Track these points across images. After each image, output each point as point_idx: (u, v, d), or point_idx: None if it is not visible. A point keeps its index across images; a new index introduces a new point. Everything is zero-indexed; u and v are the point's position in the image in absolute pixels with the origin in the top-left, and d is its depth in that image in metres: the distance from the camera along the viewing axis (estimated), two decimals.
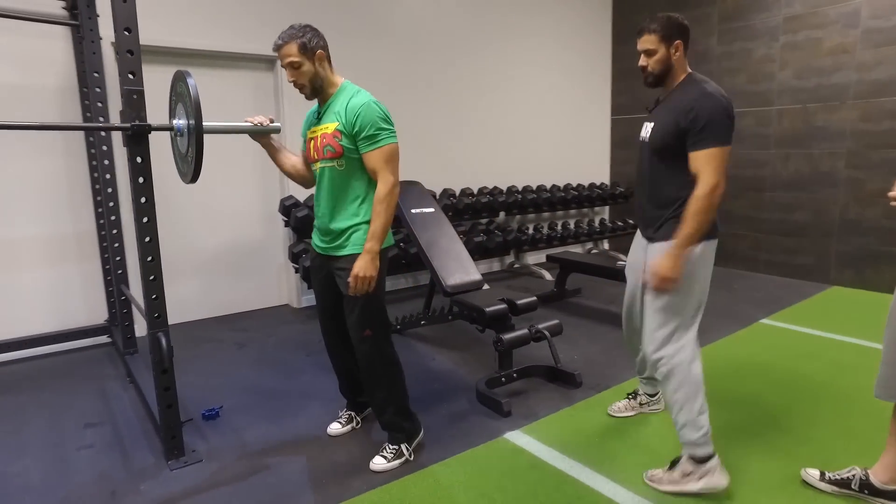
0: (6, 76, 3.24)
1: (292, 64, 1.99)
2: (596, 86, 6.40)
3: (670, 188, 2.03)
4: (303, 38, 1.98)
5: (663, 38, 1.99)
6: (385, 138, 2.01)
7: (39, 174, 3.36)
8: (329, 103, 2.09)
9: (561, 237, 5.64)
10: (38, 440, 2.47)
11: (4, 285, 3.33)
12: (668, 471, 2.10)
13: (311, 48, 1.99)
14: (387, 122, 2.03)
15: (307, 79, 2.03)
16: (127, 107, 2.02)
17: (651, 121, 2.12)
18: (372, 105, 2.00)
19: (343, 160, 2.04)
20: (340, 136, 2.01)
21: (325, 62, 2.06)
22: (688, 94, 1.97)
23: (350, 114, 1.99)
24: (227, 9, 3.86)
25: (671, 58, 2.01)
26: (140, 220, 2.12)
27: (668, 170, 2.03)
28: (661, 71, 2.03)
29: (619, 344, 3.56)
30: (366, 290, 2.03)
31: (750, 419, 2.58)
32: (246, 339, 3.75)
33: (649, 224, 2.14)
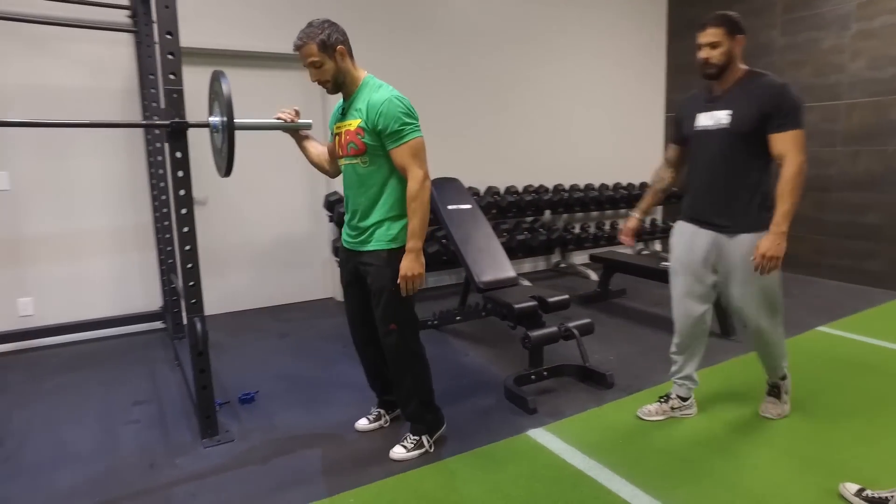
0: (80, 80, 3.52)
1: (314, 63, 2.00)
2: (649, 81, 6.20)
3: (753, 173, 2.20)
4: (321, 35, 1.97)
5: (728, 32, 2.14)
6: (410, 133, 1.99)
7: (105, 170, 3.62)
8: (352, 99, 2.09)
9: (608, 237, 5.51)
10: (93, 413, 2.68)
11: (74, 273, 3.62)
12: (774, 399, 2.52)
13: (330, 45, 1.99)
14: (410, 116, 2.00)
15: (330, 75, 2.03)
16: (168, 105, 2.15)
17: (720, 108, 2.23)
18: (394, 101, 1.98)
19: (367, 157, 2.05)
20: (363, 133, 2.01)
21: (346, 57, 2.05)
22: (764, 83, 2.15)
23: (372, 111, 1.98)
24: (278, 12, 4.02)
25: (733, 51, 2.16)
26: (179, 212, 2.25)
27: (750, 154, 2.18)
28: (724, 63, 2.17)
29: (658, 346, 3.46)
30: (417, 287, 2.05)
31: (791, 429, 2.45)
32: (289, 329, 3.90)
33: (721, 213, 2.26)
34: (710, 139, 2.27)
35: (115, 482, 2.12)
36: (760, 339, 2.39)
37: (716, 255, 2.32)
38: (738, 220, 2.23)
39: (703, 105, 2.31)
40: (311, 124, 2.38)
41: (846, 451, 2.26)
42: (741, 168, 2.21)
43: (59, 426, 2.56)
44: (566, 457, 2.26)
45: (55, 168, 3.50)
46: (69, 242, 3.59)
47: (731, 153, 2.21)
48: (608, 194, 5.59)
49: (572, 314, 4.09)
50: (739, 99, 2.19)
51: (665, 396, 2.63)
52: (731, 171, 2.23)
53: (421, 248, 2.03)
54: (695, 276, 2.38)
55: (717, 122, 2.24)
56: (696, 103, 2.36)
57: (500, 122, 5.21)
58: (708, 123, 2.27)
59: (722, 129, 2.22)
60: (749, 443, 2.34)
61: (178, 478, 2.14)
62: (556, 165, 5.57)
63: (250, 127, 2.30)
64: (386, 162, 2.05)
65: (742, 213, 2.22)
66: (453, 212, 3.57)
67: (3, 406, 2.77)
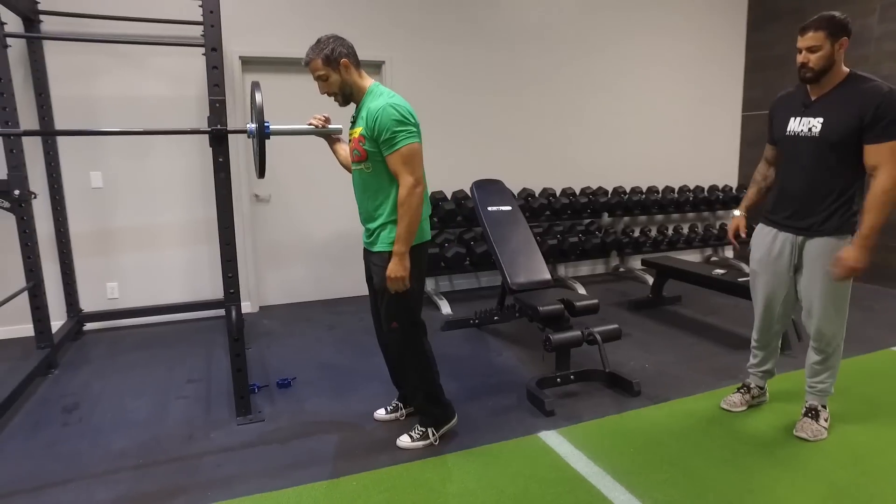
0: (163, 90, 3.93)
1: (320, 77, 2.13)
2: (724, 78, 5.86)
3: (839, 180, 2.17)
4: (325, 49, 2.08)
5: (830, 35, 2.09)
6: (402, 140, 2.03)
7: (180, 170, 4.02)
8: (359, 108, 2.20)
9: (670, 241, 5.30)
10: (153, 387, 3.01)
11: (153, 262, 4.06)
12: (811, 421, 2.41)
13: (334, 58, 2.10)
14: (403, 123, 2.04)
15: (337, 87, 2.15)
16: (211, 113, 2.39)
17: (813, 115, 2.20)
18: (388, 109, 2.02)
19: (369, 163, 2.14)
20: (364, 141, 2.11)
21: (350, 69, 2.14)
22: (866, 89, 2.09)
23: (370, 119, 2.06)
24: (337, 22, 4.26)
25: (835, 55, 2.11)
26: (220, 209, 2.49)
27: (840, 163, 2.16)
28: (823, 67, 2.12)
29: (701, 357, 3.34)
30: (401, 288, 2.13)
31: (826, 452, 2.29)
32: (338, 321, 4.13)
33: (805, 216, 2.25)
34: (798, 146, 2.26)
35: (157, 448, 2.39)
36: (819, 347, 2.35)
37: (796, 256, 2.32)
38: (818, 224, 2.23)
39: (796, 108, 2.28)
40: (341, 129, 2.54)
41: (882, 484, 2.09)
42: (828, 176, 2.19)
43: (124, 396, 2.91)
44: (571, 460, 2.27)
45: (138, 168, 3.93)
46: (149, 234, 4.02)
47: (819, 163, 2.19)
48: (671, 197, 5.38)
49: (619, 319, 4.04)
50: (835, 106, 2.15)
51: (745, 387, 2.69)
52: (818, 179, 2.21)
53: (405, 252, 2.08)
54: (775, 277, 2.40)
55: (808, 130, 2.22)
56: (789, 105, 2.34)
57: (556, 123, 5.16)
58: (798, 129, 2.25)
59: (811, 137, 2.20)
60: (773, 463, 2.23)
61: (210, 449, 2.38)
62: (616, 167, 5.43)
63: (284, 132, 2.48)
64: (386, 168, 2.12)
65: (824, 218, 2.22)
66: (493, 213, 3.63)
67: (86, 376, 3.18)
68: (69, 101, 3.72)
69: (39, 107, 3.60)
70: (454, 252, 4.41)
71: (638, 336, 3.72)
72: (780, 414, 2.61)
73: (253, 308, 4.40)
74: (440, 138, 4.75)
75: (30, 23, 3.53)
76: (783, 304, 2.45)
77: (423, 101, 4.62)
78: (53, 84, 3.67)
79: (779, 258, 2.37)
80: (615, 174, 5.42)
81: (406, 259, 2.11)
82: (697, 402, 2.75)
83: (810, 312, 2.32)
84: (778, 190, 2.40)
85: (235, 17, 4.02)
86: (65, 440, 2.48)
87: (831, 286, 2.23)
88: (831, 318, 2.28)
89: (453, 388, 2.95)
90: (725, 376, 3.04)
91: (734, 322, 3.92)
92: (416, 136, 2.09)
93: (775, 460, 2.25)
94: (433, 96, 4.67)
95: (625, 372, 3.00)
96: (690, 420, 2.58)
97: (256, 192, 4.35)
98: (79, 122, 3.73)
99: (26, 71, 3.59)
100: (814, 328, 2.33)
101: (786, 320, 2.55)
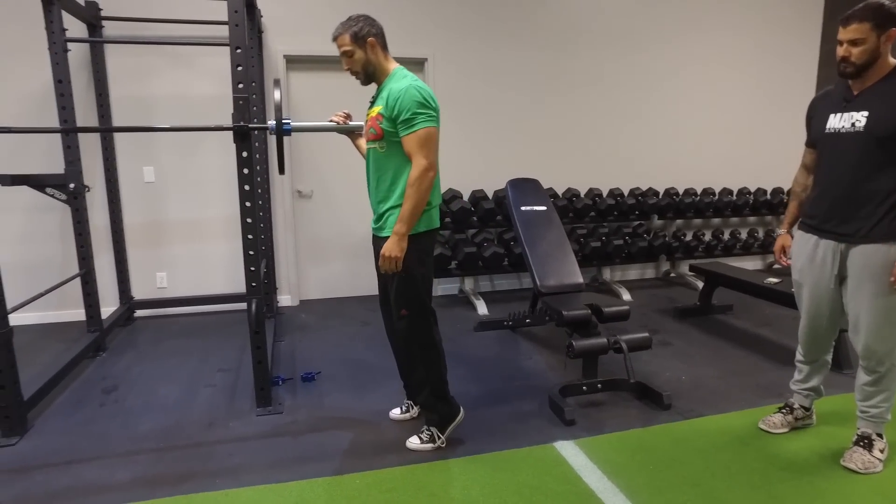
0: (212, 88, 4.08)
1: (345, 52, 2.14)
2: (794, 72, 5.45)
3: (887, 180, 1.98)
4: (355, 27, 2.10)
5: (876, 27, 1.92)
6: (421, 122, 2.03)
7: (224, 166, 4.15)
8: (380, 88, 2.20)
9: (726, 247, 4.99)
10: (186, 374, 3.13)
11: (198, 254, 4.23)
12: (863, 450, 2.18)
13: (362, 36, 2.11)
14: (424, 106, 2.03)
15: (360, 66, 2.15)
16: (235, 110, 2.44)
17: (857, 109, 2.03)
18: (411, 90, 2.03)
19: (384, 142, 2.13)
20: (382, 119, 2.10)
21: (377, 49, 2.14)
22: None
23: (391, 98, 2.06)
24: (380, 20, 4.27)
25: (880, 48, 1.94)
26: (242, 204, 2.54)
27: (888, 160, 1.98)
28: (866, 62, 1.96)
29: (745, 371, 3.11)
30: (393, 269, 2.12)
31: (876, 487, 2.07)
32: (372, 318, 4.15)
33: (848, 220, 2.07)
34: (840, 143, 2.08)
35: (178, 433, 2.48)
36: (869, 366, 2.14)
37: (839, 264, 2.13)
38: (863, 229, 2.04)
39: (836, 105, 2.11)
40: (362, 126, 2.53)
41: None
42: (874, 175, 2.00)
43: (158, 381, 3.04)
44: (583, 474, 2.16)
45: (187, 164, 4.11)
46: (196, 227, 4.20)
47: (865, 159, 2.01)
48: (728, 200, 5.06)
49: (662, 326, 3.85)
50: (882, 98, 1.98)
51: (787, 407, 2.49)
52: (862, 178, 2.03)
53: (405, 233, 2.07)
54: (818, 287, 2.21)
55: (851, 126, 2.05)
56: (829, 102, 2.17)
57: (605, 122, 4.97)
58: (839, 126, 2.09)
59: (855, 133, 2.03)
60: (812, 494, 2.02)
61: (226, 438, 2.44)
62: (669, 167, 5.18)
63: (304, 129, 2.51)
64: (401, 149, 2.11)
65: (868, 222, 2.02)
66: (526, 213, 3.53)
67: (128, 360, 3.36)
68: (126, 100, 3.93)
69: (99, 106, 3.83)
70: (492, 252, 4.34)
71: (679, 346, 3.51)
72: (826, 439, 2.38)
73: (293, 302, 4.50)
74: (482, 136, 4.68)
75: (93, 28, 3.76)
76: (830, 318, 2.24)
77: (465, 98, 4.58)
78: (112, 84, 3.90)
79: (822, 267, 2.16)
80: (667, 175, 5.16)
81: (404, 241, 2.09)
82: (732, 419, 2.56)
83: (857, 327, 2.10)
84: (817, 193, 2.19)
85: (280, 18, 4.13)
86: (99, 420, 2.61)
87: (882, 298, 2.02)
88: (882, 334, 2.06)
89: (475, 390, 2.90)
90: (769, 394, 2.82)
91: (788, 335, 3.63)
92: (435, 121, 2.07)
93: (815, 492, 2.04)
94: (476, 94, 4.61)
95: (657, 383, 2.84)
96: (722, 439, 2.40)
97: (299, 189, 4.45)
98: (134, 119, 3.93)
99: (89, 73, 3.82)
100: (861, 345, 2.10)
101: (835, 334, 2.33)
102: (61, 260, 3.93)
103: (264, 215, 3.90)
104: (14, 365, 2.42)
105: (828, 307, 2.21)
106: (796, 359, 2.45)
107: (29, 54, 3.67)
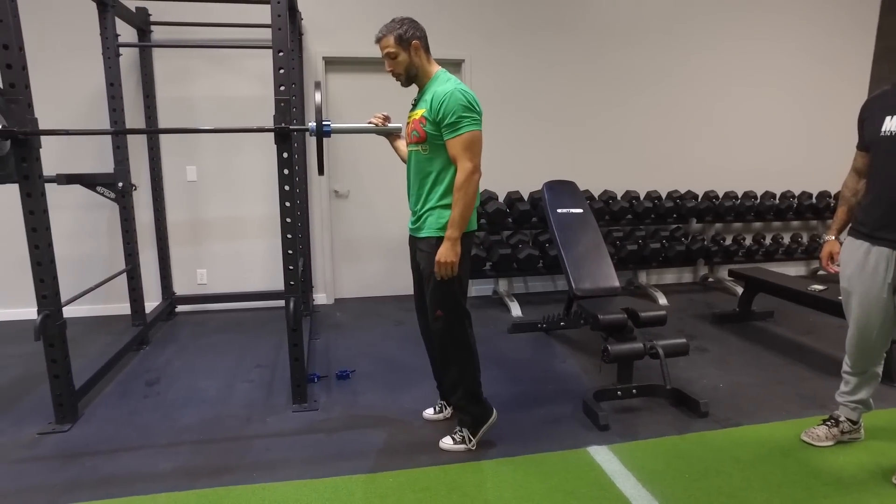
0: (251, 90, 4.18)
1: (389, 54, 2.15)
2: (844, 72, 5.26)
3: None
4: (399, 29, 2.11)
5: None
6: (466, 126, 2.05)
7: (263, 166, 4.25)
8: (423, 91, 2.21)
9: (767, 252, 4.85)
10: (224, 369, 3.22)
11: (236, 251, 4.34)
12: None
13: (406, 39, 2.12)
14: (469, 110, 2.05)
15: (403, 68, 2.17)
16: (277, 112, 2.50)
17: None
18: (456, 93, 2.04)
19: (427, 145, 2.15)
20: (425, 123, 2.11)
21: (420, 52, 2.16)
22: None
23: (435, 101, 2.07)
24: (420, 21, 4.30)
25: None
26: (282, 204, 2.60)
27: None
28: None
29: (786, 380, 3.03)
30: (449, 274, 2.14)
31: None
32: (406, 318, 4.18)
33: None
34: (893, 146, 2.03)
35: (217, 427, 2.55)
36: None
37: (893, 273, 2.06)
38: None
39: (893, 106, 2.06)
40: (401, 128, 2.56)
41: None
42: None
43: (198, 375, 3.13)
44: (617, 480, 2.13)
45: (228, 164, 4.22)
46: (235, 226, 4.30)
47: None
48: (771, 203, 4.92)
49: (699, 332, 3.77)
50: None
51: (832, 419, 2.40)
52: None
53: (458, 237, 2.09)
54: (869, 296, 2.14)
55: None
56: (885, 103, 2.11)
57: (644, 124, 4.89)
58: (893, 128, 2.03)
59: None
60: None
61: (263, 433, 2.50)
62: (708, 170, 5.06)
63: (344, 131, 2.55)
64: (443, 152, 2.13)
65: None
66: (562, 215, 3.50)
67: (170, 353, 3.47)
68: (172, 101, 4.06)
69: (146, 107, 3.96)
70: (527, 254, 4.32)
71: (716, 352, 3.44)
72: (876, 455, 2.29)
73: (328, 300, 4.58)
74: (520, 137, 4.67)
75: (142, 33, 3.89)
76: (881, 328, 2.16)
77: (502, 99, 4.57)
78: (159, 87, 4.03)
79: (873, 276, 2.09)
80: (707, 178, 5.05)
81: (458, 244, 2.12)
82: (773, 430, 2.49)
83: None
84: (870, 198, 2.12)
85: (320, 20, 4.20)
86: (142, 411, 2.71)
87: None
88: None
89: (508, 393, 2.89)
90: (812, 405, 2.73)
91: (832, 344, 3.52)
92: (479, 125, 2.09)
93: None
94: (512, 95, 4.60)
95: (693, 390, 2.79)
96: (761, 450, 2.33)
97: (336, 189, 4.52)
98: (178, 120, 4.06)
99: (137, 76, 3.96)
100: None
101: (886, 345, 2.24)
102: (107, 256, 4.09)
103: (301, 214, 3.97)
104: (67, 356, 2.54)
105: (879, 317, 2.13)
106: (843, 370, 2.36)
107: (81, 59, 3.83)
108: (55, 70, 3.84)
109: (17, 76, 2.22)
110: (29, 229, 2.37)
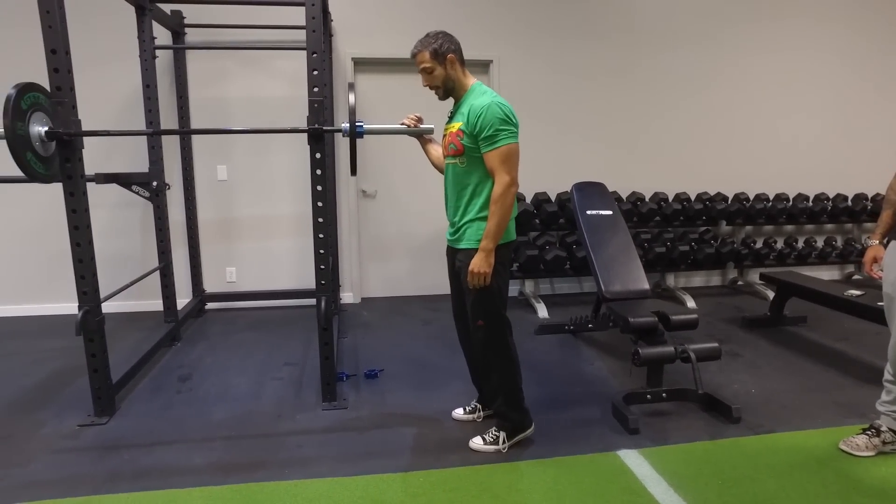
0: (282, 90, 4.23)
1: (425, 69, 2.17)
2: (886, 72, 5.12)
3: None
4: (434, 44, 2.14)
5: None
6: (503, 139, 2.06)
7: (293, 166, 4.30)
8: (459, 104, 2.23)
9: (800, 255, 4.75)
10: (254, 366, 3.27)
11: (265, 250, 4.40)
12: None
13: (441, 53, 2.14)
14: (507, 122, 2.07)
15: (440, 81, 2.19)
16: (310, 113, 2.53)
17: None
18: (493, 107, 2.06)
19: (464, 158, 2.16)
20: (462, 136, 2.13)
21: (456, 65, 2.18)
22: None
23: (472, 115, 2.09)
24: (445, 23, 4.29)
25: None
26: (314, 204, 2.63)
27: None
28: None
29: (819, 387, 2.97)
30: (481, 284, 2.15)
31: None
32: (433, 317, 4.20)
33: None
34: None
35: (248, 423, 2.59)
36: None
37: None
38: None
39: None
40: (433, 129, 2.57)
41: None
42: None
43: (229, 371, 3.18)
44: (648, 484, 2.11)
45: (258, 163, 4.28)
46: (265, 225, 4.37)
47: None
48: (804, 206, 4.82)
49: (729, 336, 3.72)
50: None
51: (873, 429, 2.33)
52: None
53: (492, 249, 2.10)
54: None
55: None
56: None
57: (674, 124, 4.83)
58: None
59: None
60: None
61: (294, 430, 2.53)
62: (739, 172, 4.98)
63: (377, 132, 2.57)
64: (481, 164, 2.14)
65: None
66: (591, 217, 3.48)
67: (201, 350, 3.53)
68: (204, 102, 4.13)
69: (179, 108, 4.04)
70: (554, 255, 4.30)
71: (748, 357, 3.38)
72: None
73: (355, 299, 4.61)
74: (547, 139, 4.65)
75: (177, 35, 3.97)
76: None
77: (530, 100, 4.56)
78: (192, 88, 4.11)
79: None
80: (737, 180, 4.96)
81: (492, 255, 2.12)
82: (809, 438, 2.44)
83: None
84: None
85: (349, 21, 4.23)
86: (176, 406, 2.77)
87: None
88: None
89: (536, 394, 2.88)
90: (851, 413, 2.67)
91: (870, 351, 3.43)
92: (516, 137, 2.10)
93: None
94: (540, 96, 4.59)
95: (725, 395, 2.74)
96: (797, 457, 2.29)
97: (364, 188, 4.55)
98: (210, 121, 4.13)
99: (171, 77, 4.04)
100: None
101: None
102: (140, 253, 4.18)
103: (330, 214, 4.01)
104: (105, 350, 2.60)
105: None
106: (885, 378, 2.30)
107: (117, 61, 3.92)
108: (93, 72, 3.94)
109: (64, 79, 2.29)
110: (71, 227, 2.43)
